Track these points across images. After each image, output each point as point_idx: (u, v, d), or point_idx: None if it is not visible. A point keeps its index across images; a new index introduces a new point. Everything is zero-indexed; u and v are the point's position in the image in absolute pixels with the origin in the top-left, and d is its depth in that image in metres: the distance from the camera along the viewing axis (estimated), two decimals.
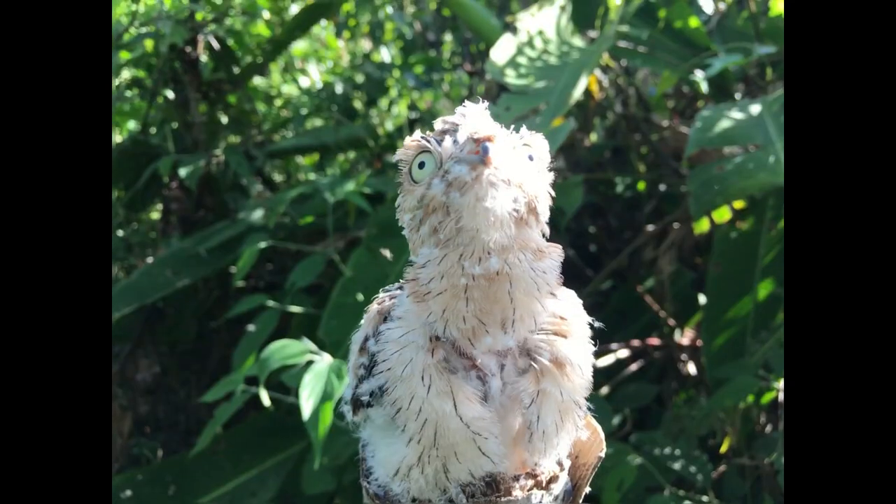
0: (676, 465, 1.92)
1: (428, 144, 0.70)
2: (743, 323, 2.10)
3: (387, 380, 0.70)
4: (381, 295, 0.80)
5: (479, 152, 0.65)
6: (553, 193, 0.73)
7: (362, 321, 0.78)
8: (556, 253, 0.72)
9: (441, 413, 0.67)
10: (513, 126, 0.72)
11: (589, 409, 0.75)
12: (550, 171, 0.74)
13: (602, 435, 0.80)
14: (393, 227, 2.28)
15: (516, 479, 0.72)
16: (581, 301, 0.75)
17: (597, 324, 0.75)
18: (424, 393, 0.67)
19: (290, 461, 2.01)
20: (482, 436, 0.68)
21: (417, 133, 0.73)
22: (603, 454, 0.79)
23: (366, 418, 0.76)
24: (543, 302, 0.70)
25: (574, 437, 0.74)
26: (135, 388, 2.53)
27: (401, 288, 0.76)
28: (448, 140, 0.69)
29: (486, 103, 0.72)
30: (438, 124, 0.72)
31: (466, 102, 0.72)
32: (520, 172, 0.68)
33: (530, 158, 0.71)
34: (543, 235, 0.73)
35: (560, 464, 0.75)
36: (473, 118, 0.71)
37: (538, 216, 0.71)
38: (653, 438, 2.03)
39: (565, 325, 0.72)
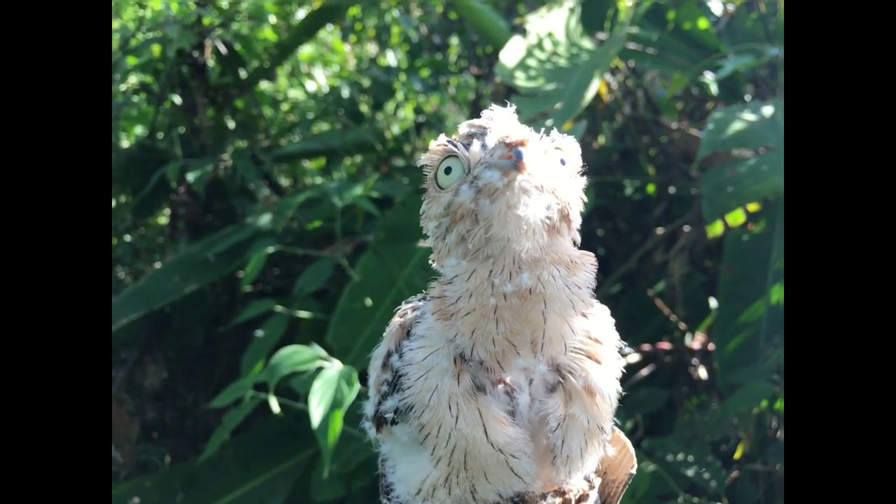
0: (689, 472, 1.90)
1: (455, 149, 0.67)
2: (756, 327, 2.07)
3: (413, 403, 0.67)
4: (403, 306, 0.76)
5: (511, 157, 0.62)
6: (585, 198, 0.70)
7: (384, 335, 0.75)
8: (589, 262, 0.68)
9: (471, 440, 0.65)
10: (543, 129, 0.70)
11: (616, 425, 0.72)
12: (582, 175, 0.71)
13: (632, 451, 0.77)
14: (401, 231, 2.27)
15: (543, 497, 0.69)
16: (613, 320, 0.73)
17: (626, 349, 0.72)
18: (453, 422, 0.65)
19: (299, 468, 2.00)
20: (515, 457, 0.66)
21: (443, 136, 0.69)
22: (634, 470, 0.77)
23: (388, 434, 0.73)
24: (575, 323, 0.67)
25: (600, 455, 0.72)
26: (142, 393, 2.52)
27: (424, 298, 0.73)
28: (476, 144, 0.66)
29: (514, 107, 0.69)
30: (464, 128, 0.69)
31: (493, 106, 0.69)
32: (553, 178, 0.65)
33: (562, 163, 0.68)
34: (574, 243, 0.69)
35: (589, 480, 0.73)
36: (502, 121, 0.68)
37: (570, 223, 0.68)
38: (665, 444, 2.00)
39: (599, 349, 0.69)
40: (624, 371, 0.72)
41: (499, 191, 0.63)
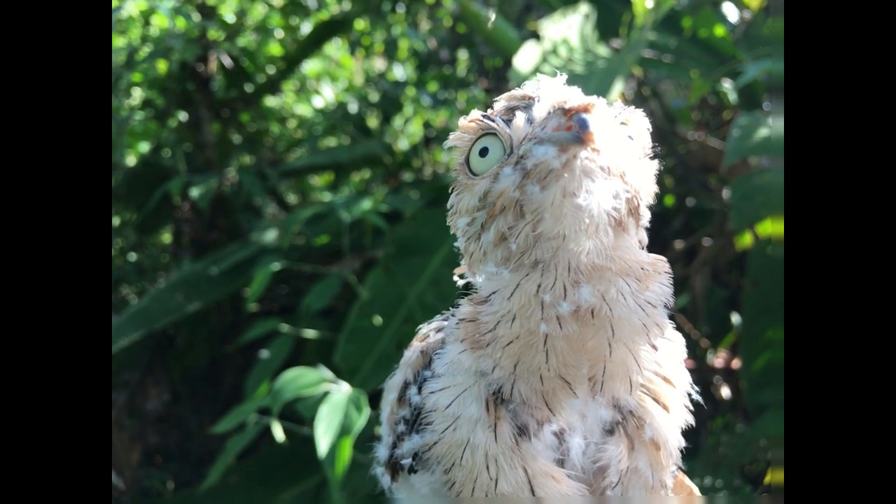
0: (719, 498, 1.79)
1: (493, 124, 0.53)
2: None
3: (440, 457, 0.55)
4: (424, 328, 0.63)
5: (571, 128, 0.47)
6: (656, 188, 0.57)
7: (401, 361, 0.62)
8: (663, 269, 0.54)
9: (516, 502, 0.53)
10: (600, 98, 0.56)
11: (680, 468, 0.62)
12: (653, 158, 0.57)
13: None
14: (411, 246, 2.19)
15: None
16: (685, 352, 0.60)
17: (695, 396, 0.59)
18: (492, 485, 0.52)
19: (307, 495, 1.91)
20: None
21: (476, 112, 0.56)
22: None
23: (405, 483, 0.61)
24: (645, 355, 0.53)
25: None
26: (144, 417, 2.44)
27: (450, 317, 0.60)
28: (520, 117, 0.52)
29: (564, 76, 0.56)
30: (503, 101, 0.55)
31: (539, 74, 0.56)
32: (622, 157, 0.50)
33: (630, 140, 0.55)
34: (640, 245, 0.55)
35: None
36: (554, 88, 0.54)
37: (639, 219, 0.53)
38: (691, 468, 1.90)
39: (670, 393, 0.56)
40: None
41: (553, 173, 0.48)
